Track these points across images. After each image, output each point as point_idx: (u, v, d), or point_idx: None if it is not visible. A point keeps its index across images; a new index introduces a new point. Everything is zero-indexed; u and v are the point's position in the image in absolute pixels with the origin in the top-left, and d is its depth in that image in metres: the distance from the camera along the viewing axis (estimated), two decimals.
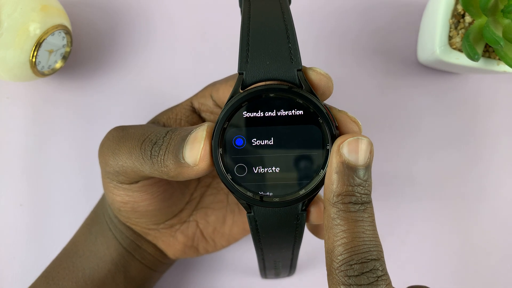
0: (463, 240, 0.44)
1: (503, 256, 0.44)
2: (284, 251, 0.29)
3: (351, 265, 0.23)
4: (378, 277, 0.23)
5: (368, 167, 0.24)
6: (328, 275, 0.24)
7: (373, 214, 0.24)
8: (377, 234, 0.24)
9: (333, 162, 0.24)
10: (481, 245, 0.44)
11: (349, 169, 0.23)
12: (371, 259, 0.23)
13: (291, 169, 0.25)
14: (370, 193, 0.24)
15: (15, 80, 0.39)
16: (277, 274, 0.37)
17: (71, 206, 0.44)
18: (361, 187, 0.24)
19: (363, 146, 0.24)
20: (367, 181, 0.24)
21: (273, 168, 0.25)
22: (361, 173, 0.24)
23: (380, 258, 0.23)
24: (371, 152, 0.24)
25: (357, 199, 0.23)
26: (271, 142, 0.25)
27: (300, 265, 0.43)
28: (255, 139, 0.25)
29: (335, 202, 0.23)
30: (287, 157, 0.25)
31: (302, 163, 0.25)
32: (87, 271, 0.35)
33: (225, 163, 0.25)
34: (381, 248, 0.24)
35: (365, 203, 0.24)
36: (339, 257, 0.23)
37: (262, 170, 0.25)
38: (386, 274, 0.23)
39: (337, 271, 0.23)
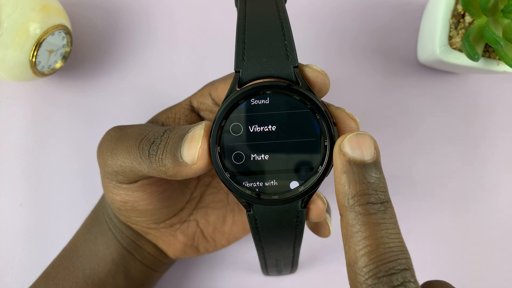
0: (463, 240, 0.44)
1: (503, 256, 0.44)
2: (285, 249, 0.29)
3: (379, 277, 0.20)
4: None
5: (377, 163, 0.22)
6: None
7: (395, 215, 0.22)
8: (402, 238, 0.22)
9: (338, 163, 0.22)
10: (481, 244, 0.44)
11: (357, 167, 0.22)
12: (401, 270, 0.20)
13: (288, 166, 0.25)
14: (388, 194, 0.22)
15: (15, 80, 0.39)
16: (279, 272, 0.37)
17: (71, 206, 0.44)
18: (377, 184, 0.22)
19: (365, 140, 0.22)
20: (381, 178, 0.22)
21: (271, 161, 0.25)
22: (372, 169, 0.22)
23: (410, 268, 0.21)
24: (376, 148, 0.23)
25: (376, 198, 0.21)
26: (269, 132, 0.25)
27: (301, 263, 0.43)
28: (252, 126, 0.25)
29: (352, 205, 0.22)
30: (284, 156, 0.25)
31: (299, 161, 0.25)
32: (87, 271, 0.35)
33: (223, 157, 0.25)
34: (409, 254, 0.21)
35: (385, 202, 0.22)
36: (364, 269, 0.20)
37: (259, 158, 0.25)
38: (418, 286, 0.21)
39: (363, 285, 0.20)
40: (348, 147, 0.22)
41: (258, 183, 0.25)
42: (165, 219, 0.35)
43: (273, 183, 0.25)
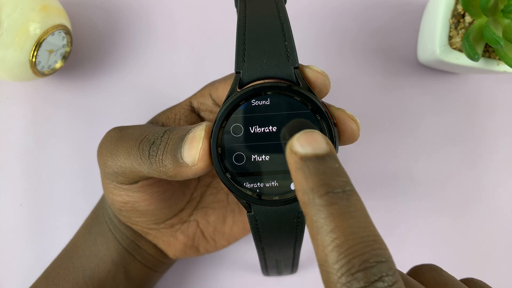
0: (463, 240, 0.44)
1: (503, 256, 0.44)
2: (285, 250, 0.29)
3: (353, 274, 0.18)
4: (390, 286, 0.18)
5: (331, 154, 0.21)
6: None
7: (362, 203, 0.20)
8: (374, 226, 0.19)
9: (291, 163, 0.21)
10: (481, 244, 0.44)
11: (311, 161, 0.20)
12: (377, 262, 0.18)
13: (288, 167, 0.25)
14: (351, 182, 0.20)
15: (15, 80, 0.39)
16: (279, 273, 0.37)
17: (71, 206, 0.44)
18: (335, 175, 0.20)
19: (315, 136, 0.21)
20: (339, 167, 0.20)
21: (272, 161, 0.25)
22: (327, 160, 0.20)
23: (387, 259, 0.18)
24: (328, 143, 0.21)
25: (336, 186, 0.19)
26: (270, 133, 0.25)
27: (301, 263, 0.43)
28: (253, 127, 0.25)
29: (312, 199, 0.19)
30: (284, 156, 0.25)
31: None
32: (87, 272, 0.35)
33: (223, 158, 0.25)
34: (384, 244, 0.19)
35: (348, 190, 0.20)
36: (335, 267, 0.18)
37: (260, 159, 0.25)
38: (398, 280, 0.18)
39: (338, 285, 0.18)
40: (298, 145, 0.21)
41: (258, 184, 0.25)
42: (166, 220, 0.35)
43: (274, 184, 0.25)
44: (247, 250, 0.43)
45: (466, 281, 0.25)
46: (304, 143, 0.21)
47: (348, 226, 0.18)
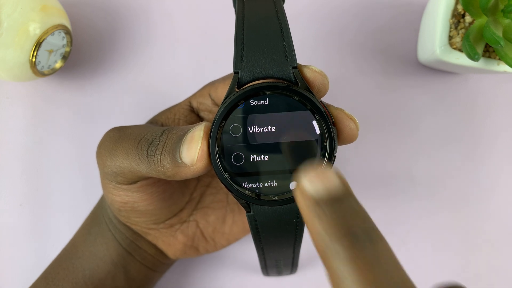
0: (463, 240, 0.44)
1: (503, 256, 0.44)
2: (285, 250, 0.29)
3: None
4: None
5: (350, 195, 0.19)
6: None
7: (392, 251, 0.17)
8: (408, 277, 0.17)
9: (305, 209, 0.19)
10: (481, 244, 0.44)
11: (327, 205, 0.18)
12: None
13: (288, 166, 0.25)
14: (376, 227, 0.18)
15: (15, 80, 0.39)
16: (279, 273, 0.37)
17: (71, 206, 0.44)
18: (357, 219, 0.18)
19: (327, 174, 0.19)
20: (358, 208, 0.18)
21: (271, 161, 0.25)
22: (346, 202, 0.18)
23: None
24: (340, 177, 0.19)
25: (359, 232, 0.17)
26: (269, 133, 0.25)
27: (301, 263, 0.43)
28: (251, 127, 0.25)
29: (332, 249, 0.17)
30: (283, 156, 0.25)
31: (298, 161, 0.25)
32: (87, 272, 0.35)
33: (222, 158, 0.25)
34: None
35: (373, 236, 0.17)
36: None
37: (259, 159, 0.25)
38: None
39: None
40: (309, 186, 0.19)
41: (257, 183, 0.25)
42: (165, 220, 0.35)
43: (273, 184, 0.25)
44: (247, 250, 0.43)
45: None
46: (316, 184, 0.19)
47: (374, 279, 0.16)
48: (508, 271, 0.44)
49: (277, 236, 0.27)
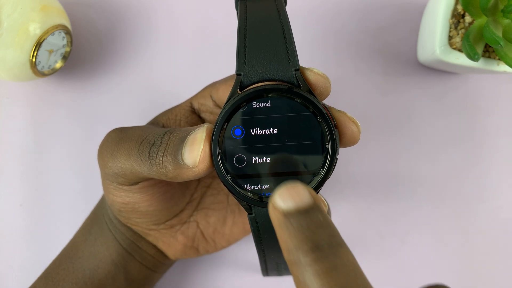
0: (463, 240, 0.44)
1: (503, 256, 0.44)
2: None
3: None
4: None
5: (314, 207, 0.20)
6: None
7: (354, 258, 0.18)
8: (367, 283, 0.18)
9: (273, 220, 0.20)
10: (481, 245, 0.44)
11: (294, 217, 0.19)
12: None
13: (290, 168, 0.25)
14: (338, 234, 0.19)
15: (15, 80, 0.39)
16: (279, 275, 0.37)
17: (71, 206, 0.44)
18: (320, 228, 0.19)
19: (296, 189, 0.20)
20: (324, 221, 0.19)
21: (273, 164, 0.25)
22: (311, 214, 0.19)
23: None
24: (311, 193, 0.20)
25: (321, 241, 0.18)
26: (271, 135, 0.25)
27: None
28: (254, 129, 0.25)
29: (297, 258, 0.18)
30: (285, 157, 0.25)
31: (300, 164, 0.25)
32: (87, 272, 0.35)
33: (224, 160, 0.25)
34: None
35: (335, 245, 0.18)
36: None
37: (261, 161, 0.25)
38: None
39: None
40: (280, 201, 0.20)
41: (259, 186, 0.25)
42: (166, 220, 0.35)
43: (275, 186, 0.25)
44: (247, 250, 0.44)
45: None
46: (286, 198, 0.20)
47: (335, 284, 0.17)
48: (509, 271, 0.44)
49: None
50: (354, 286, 0.17)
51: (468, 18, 0.38)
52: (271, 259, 0.31)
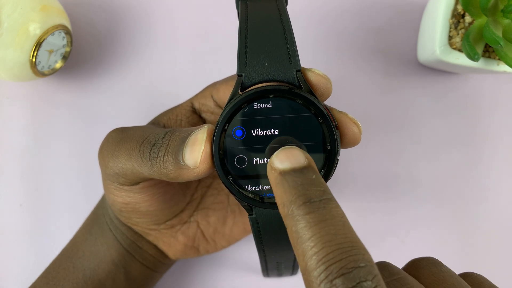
0: (463, 241, 0.44)
1: (503, 256, 0.44)
2: (286, 253, 0.29)
3: (332, 280, 0.18)
4: None
5: (309, 166, 0.22)
6: None
7: (340, 210, 0.20)
8: (353, 233, 0.19)
9: (272, 180, 0.22)
10: (481, 245, 0.44)
11: (289, 175, 0.21)
12: (355, 267, 0.18)
13: None
14: (328, 191, 0.21)
15: (15, 80, 0.39)
16: (279, 275, 0.37)
17: (71, 206, 0.44)
18: (312, 185, 0.20)
19: (293, 151, 0.22)
20: (316, 178, 0.21)
21: None
22: (304, 172, 0.21)
23: (367, 264, 0.18)
24: (307, 156, 0.22)
25: (313, 196, 0.20)
26: (272, 136, 0.25)
27: None
28: (255, 130, 0.25)
29: (290, 211, 0.20)
30: None
31: None
32: (88, 272, 0.35)
33: (225, 160, 0.25)
34: (364, 249, 0.19)
35: (325, 199, 0.20)
36: (314, 274, 0.18)
37: (262, 162, 0.25)
38: (379, 285, 0.18)
39: None
40: (277, 162, 0.22)
41: (260, 186, 0.25)
42: (166, 220, 0.35)
43: None
44: (247, 250, 0.44)
45: (464, 275, 0.25)
46: (283, 159, 0.22)
47: (325, 233, 0.19)
48: (509, 271, 0.44)
49: (279, 239, 0.27)
50: (342, 235, 0.19)
51: (468, 18, 0.38)
52: (272, 258, 0.31)
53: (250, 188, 0.25)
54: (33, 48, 0.37)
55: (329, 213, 0.19)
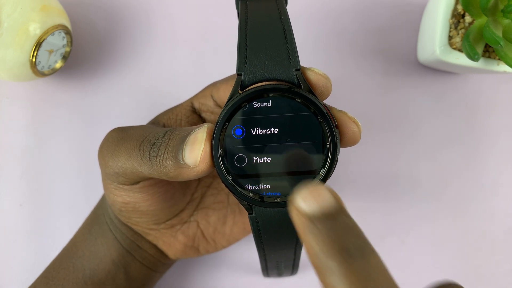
0: (463, 240, 0.44)
1: (503, 256, 0.44)
2: (286, 252, 0.29)
3: None
4: None
5: (339, 210, 0.19)
6: None
7: (381, 262, 0.18)
8: None
9: (299, 225, 0.19)
10: (481, 245, 0.44)
11: (320, 221, 0.19)
12: None
13: (290, 168, 0.25)
14: (364, 236, 0.19)
15: (15, 80, 0.39)
16: (279, 274, 0.37)
17: (71, 206, 0.44)
18: (347, 232, 0.18)
19: (320, 191, 0.20)
20: (350, 224, 0.19)
21: (273, 163, 0.25)
22: (336, 218, 0.19)
23: None
24: (334, 194, 0.20)
25: (349, 244, 0.18)
26: (271, 135, 0.25)
27: (301, 264, 0.43)
28: (254, 129, 0.25)
29: (326, 264, 0.18)
30: (286, 157, 0.25)
31: (301, 163, 0.25)
32: (87, 272, 0.35)
33: (225, 159, 0.25)
34: None
35: (363, 248, 0.18)
36: None
37: (262, 161, 0.25)
38: None
39: None
40: (301, 202, 0.20)
41: (260, 185, 0.25)
42: (166, 220, 0.35)
43: (275, 186, 0.25)
44: (247, 250, 0.44)
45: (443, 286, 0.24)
46: (309, 200, 0.20)
47: (364, 287, 0.17)
48: (509, 271, 0.44)
49: (279, 238, 0.27)
50: None
51: (468, 18, 0.38)
52: (272, 258, 0.31)
53: (249, 187, 0.25)
54: (33, 48, 0.37)
55: (367, 263, 0.18)
